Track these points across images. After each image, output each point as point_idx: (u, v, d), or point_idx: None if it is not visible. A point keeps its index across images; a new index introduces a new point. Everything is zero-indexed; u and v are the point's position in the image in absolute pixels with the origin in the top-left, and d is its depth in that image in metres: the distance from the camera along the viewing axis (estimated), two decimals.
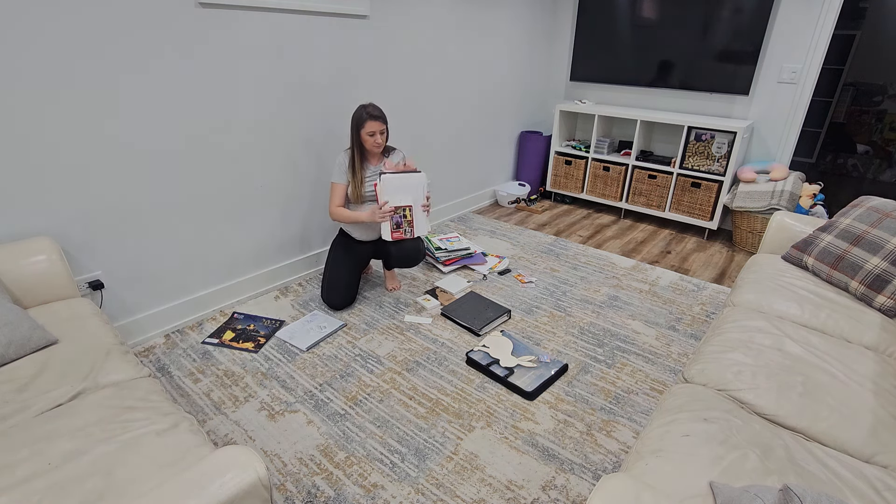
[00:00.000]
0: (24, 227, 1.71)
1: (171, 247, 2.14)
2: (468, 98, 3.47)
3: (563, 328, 2.36)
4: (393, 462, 1.60)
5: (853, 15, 5.07)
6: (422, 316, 2.42)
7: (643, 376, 2.04)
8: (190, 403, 1.83)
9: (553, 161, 4.10)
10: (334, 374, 2.00)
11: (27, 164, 1.66)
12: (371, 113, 2.18)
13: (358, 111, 2.21)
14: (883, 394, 1.34)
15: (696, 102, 3.63)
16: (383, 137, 2.25)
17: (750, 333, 1.59)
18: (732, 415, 1.23)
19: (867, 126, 5.44)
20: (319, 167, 2.63)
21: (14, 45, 1.55)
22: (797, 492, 0.85)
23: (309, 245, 2.75)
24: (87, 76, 1.71)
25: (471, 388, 1.94)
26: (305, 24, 2.31)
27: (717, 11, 3.29)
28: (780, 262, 2.09)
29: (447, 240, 3.02)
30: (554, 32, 4.13)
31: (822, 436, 1.22)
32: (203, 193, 2.18)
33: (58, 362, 1.34)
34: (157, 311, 2.17)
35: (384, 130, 2.24)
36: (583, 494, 1.51)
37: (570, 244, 3.34)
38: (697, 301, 2.64)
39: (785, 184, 3.14)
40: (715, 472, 1.04)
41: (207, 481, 0.91)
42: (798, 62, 3.15)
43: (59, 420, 1.14)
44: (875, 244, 1.78)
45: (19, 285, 1.55)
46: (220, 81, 2.08)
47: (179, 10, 1.88)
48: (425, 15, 2.91)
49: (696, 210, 3.52)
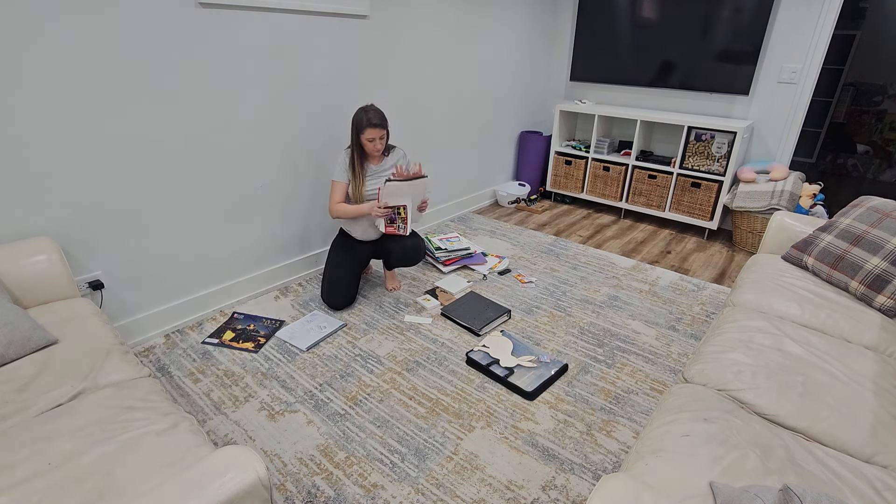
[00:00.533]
0: (24, 227, 1.71)
1: (171, 247, 2.14)
2: (468, 98, 3.47)
3: (563, 328, 2.36)
4: (393, 462, 1.60)
5: (853, 15, 5.07)
6: (422, 316, 2.42)
7: (643, 376, 2.04)
8: (190, 403, 1.83)
9: (553, 161, 4.10)
10: (334, 374, 2.00)
11: (27, 165, 1.66)
12: (371, 120, 2.17)
13: (358, 115, 2.20)
14: (883, 394, 1.34)
15: (696, 102, 3.63)
16: (383, 142, 2.24)
17: (750, 333, 1.59)
18: (732, 415, 1.23)
19: (867, 126, 5.44)
20: (319, 167, 2.63)
21: (15, 45, 1.54)
22: (797, 492, 0.85)
23: (309, 245, 2.75)
24: (87, 76, 1.71)
25: (471, 388, 1.94)
26: (305, 24, 2.31)
27: (717, 11, 3.29)
28: (780, 262, 2.09)
29: (447, 240, 3.02)
30: (554, 32, 4.13)
31: (822, 436, 1.22)
32: (203, 193, 2.18)
33: (58, 362, 1.33)
34: (157, 311, 2.17)
35: (384, 136, 2.23)
36: (583, 494, 1.51)
37: (570, 244, 3.34)
38: (697, 301, 2.64)
39: (785, 184, 3.14)
40: (715, 472, 1.04)
41: (207, 481, 0.91)
42: (798, 62, 3.15)
43: (59, 420, 1.14)
44: (875, 244, 1.78)
45: (19, 285, 1.55)
46: (220, 81, 2.08)
47: (179, 10, 1.88)
48: (425, 15, 2.91)
49: (696, 210, 3.52)
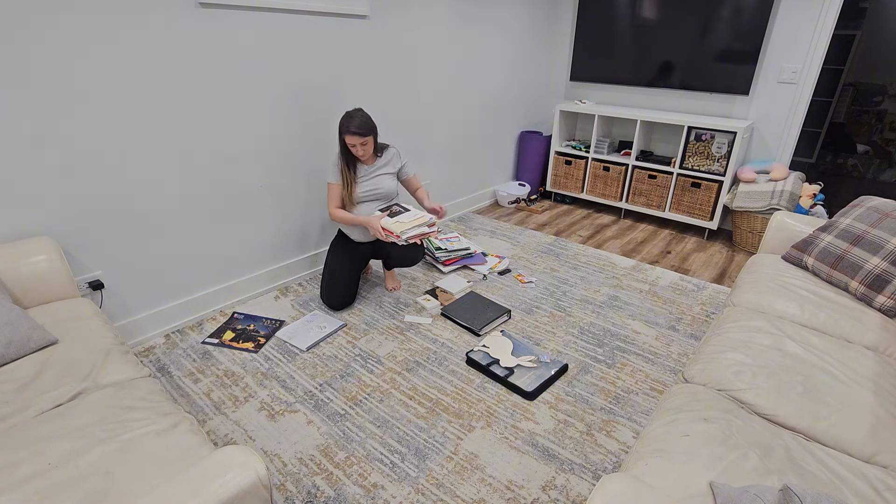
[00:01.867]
0: (24, 227, 1.71)
1: (171, 247, 2.14)
2: (468, 98, 3.47)
3: (563, 328, 2.36)
4: (393, 462, 1.60)
5: (853, 15, 5.07)
6: (422, 316, 2.42)
7: (643, 376, 2.04)
8: (190, 403, 1.83)
9: (553, 161, 4.10)
10: (334, 374, 2.00)
11: (27, 164, 1.66)
12: (350, 128, 2.15)
13: (342, 120, 2.18)
14: (883, 394, 1.34)
15: (696, 102, 3.63)
16: (365, 148, 2.22)
17: (750, 333, 1.59)
18: (732, 415, 1.23)
19: (867, 126, 5.44)
20: (319, 167, 2.63)
21: (16, 46, 1.54)
22: (797, 492, 0.85)
23: (308, 245, 2.75)
24: (87, 76, 1.71)
25: (471, 388, 1.94)
26: (305, 24, 2.31)
27: (717, 11, 3.29)
28: (780, 262, 2.09)
29: (447, 240, 3.02)
30: (554, 32, 4.12)
31: (822, 436, 1.22)
32: (203, 193, 2.18)
33: (58, 362, 1.33)
34: (157, 311, 2.17)
35: (367, 143, 2.20)
36: (583, 494, 1.51)
37: (570, 244, 3.34)
38: (697, 301, 2.64)
39: (785, 184, 3.14)
40: (715, 472, 1.04)
41: (207, 481, 0.91)
42: (798, 62, 3.15)
43: (59, 420, 1.14)
44: (875, 244, 1.78)
45: (19, 285, 1.55)
46: (219, 81, 2.08)
47: (179, 10, 1.88)
48: (425, 15, 2.91)
49: (696, 210, 3.52)
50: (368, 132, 2.18)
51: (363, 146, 2.21)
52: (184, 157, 2.06)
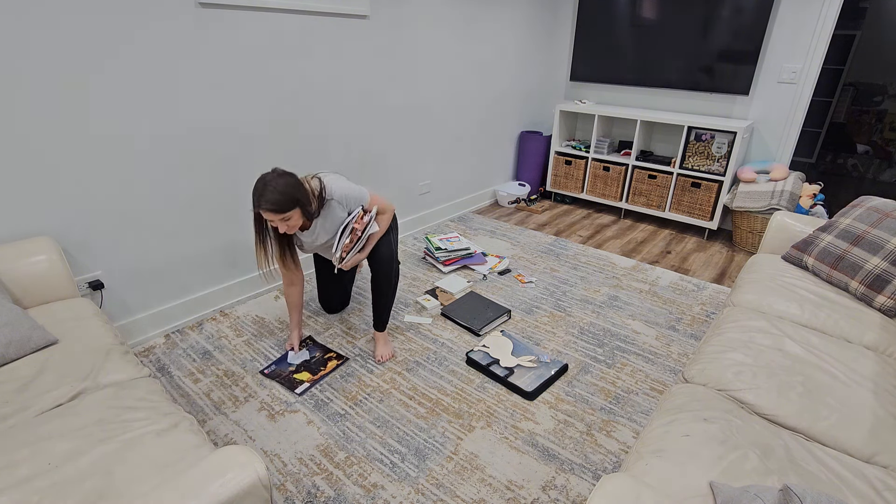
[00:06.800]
0: (24, 227, 1.71)
1: (171, 247, 2.14)
2: (468, 98, 3.47)
3: (563, 328, 2.36)
4: (393, 462, 1.60)
5: (853, 15, 5.07)
6: (422, 316, 2.42)
7: (643, 376, 2.04)
8: (190, 403, 1.83)
9: (553, 161, 4.10)
10: (334, 374, 2.00)
11: (27, 165, 1.66)
12: (261, 205, 1.59)
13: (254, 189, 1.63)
14: (883, 394, 1.34)
15: (696, 102, 3.63)
16: (290, 223, 1.68)
17: (750, 333, 1.58)
18: (732, 415, 1.23)
19: (867, 126, 5.44)
20: (319, 167, 2.63)
21: (14, 46, 1.54)
22: (797, 492, 0.85)
23: None
24: (87, 76, 1.71)
25: (471, 388, 1.94)
26: (305, 24, 2.31)
27: (717, 11, 3.29)
28: (780, 262, 2.09)
29: (447, 240, 3.02)
30: (554, 32, 4.12)
31: (822, 436, 1.22)
32: (203, 193, 2.18)
33: (58, 362, 1.33)
34: (157, 311, 2.17)
35: (288, 217, 1.65)
36: (583, 494, 1.51)
37: (570, 244, 3.34)
38: (697, 301, 2.64)
39: (785, 184, 3.14)
40: (715, 472, 1.04)
41: (207, 481, 0.91)
42: (798, 62, 3.15)
43: (59, 420, 1.14)
44: (875, 244, 1.78)
45: (19, 285, 1.55)
46: (219, 81, 2.08)
47: (179, 10, 1.88)
48: (425, 15, 2.91)
49: (696, 210, 3.51)
50: (288, 206, 1.61)
51: (285, 221, 1.66)
52: (183, 156, 2.06)
